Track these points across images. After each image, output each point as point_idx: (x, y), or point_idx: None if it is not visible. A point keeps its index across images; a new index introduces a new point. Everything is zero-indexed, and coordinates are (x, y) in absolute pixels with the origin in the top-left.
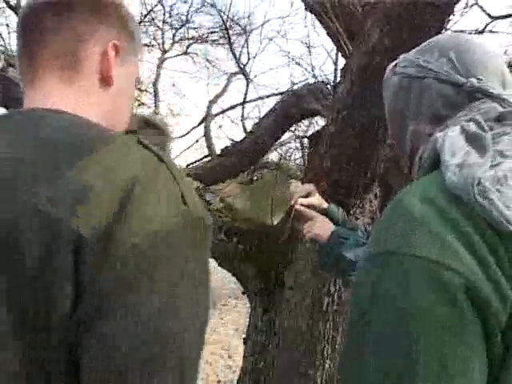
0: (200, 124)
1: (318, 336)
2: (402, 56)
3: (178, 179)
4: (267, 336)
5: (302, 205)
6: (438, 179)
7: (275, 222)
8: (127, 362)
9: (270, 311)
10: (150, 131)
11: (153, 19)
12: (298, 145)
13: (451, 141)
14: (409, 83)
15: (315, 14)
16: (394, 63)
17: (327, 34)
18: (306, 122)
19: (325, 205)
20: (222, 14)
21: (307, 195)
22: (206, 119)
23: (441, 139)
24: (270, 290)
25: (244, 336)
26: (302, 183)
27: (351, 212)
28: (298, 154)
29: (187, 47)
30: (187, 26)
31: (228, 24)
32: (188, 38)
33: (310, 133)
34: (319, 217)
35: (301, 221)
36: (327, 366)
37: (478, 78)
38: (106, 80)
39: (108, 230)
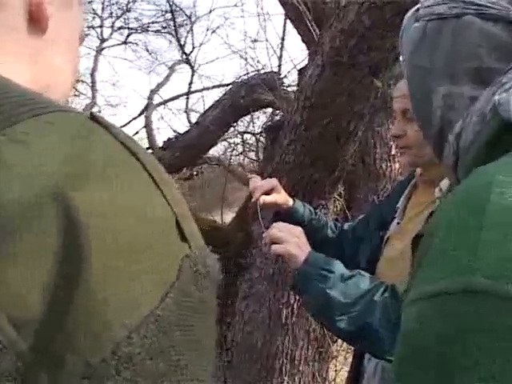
0: (141, 114)
1: (275, 352)
2: None
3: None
4: (217, 352)
5: (264, 203)
6: None
7: (226, 223)
8: None
9: (221, 324)
10: None
11: (90, 1)
12: (239, 140)
13: None
14: (437, 26)
15: None
16: (415, 7)
17: (285, 14)
18: (247, 117)
19: (290, 202)
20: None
21: (270, 191)
22: (148, 109)
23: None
24: (220, 299)
25: None
26: (262, 178)
27: None
28: (238, 150)
29: (127, 36)
30: (127, 15)
31: (172, 10)
32: (128, 28)
33: (250, 128)
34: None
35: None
36: None
37: None
38: (36, 22)
39: None
